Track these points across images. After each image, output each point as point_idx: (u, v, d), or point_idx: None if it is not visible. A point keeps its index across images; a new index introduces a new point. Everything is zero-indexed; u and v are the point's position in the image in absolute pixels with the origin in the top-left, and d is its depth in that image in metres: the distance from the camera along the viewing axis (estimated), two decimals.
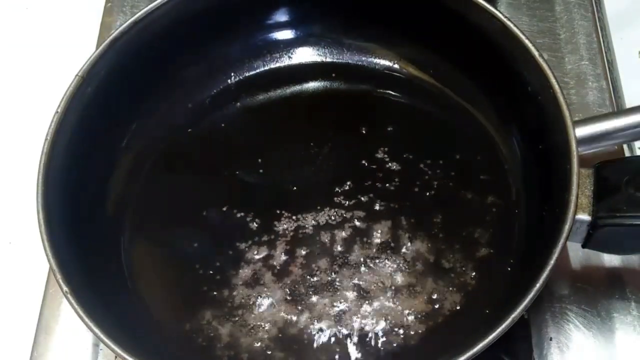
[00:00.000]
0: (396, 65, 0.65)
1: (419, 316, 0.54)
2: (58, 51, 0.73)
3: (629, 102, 0.66)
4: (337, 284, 0.56)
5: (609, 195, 0.50)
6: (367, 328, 0.54)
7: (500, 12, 0.55)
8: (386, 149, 0.61)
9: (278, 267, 0.57)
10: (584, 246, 0.52)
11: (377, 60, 0.65)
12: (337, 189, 0.59)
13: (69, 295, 0.49)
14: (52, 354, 0.58)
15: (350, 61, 0.66)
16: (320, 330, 0.54)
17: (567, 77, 0.66)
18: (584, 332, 0.55)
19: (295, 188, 0.60)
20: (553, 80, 0.52)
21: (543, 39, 0.68)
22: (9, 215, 0.66)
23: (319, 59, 0.66)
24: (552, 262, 0.47)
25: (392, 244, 0.57)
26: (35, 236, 0.50)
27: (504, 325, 0.46)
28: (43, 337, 0.58)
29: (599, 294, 0.57)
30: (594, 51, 0.68)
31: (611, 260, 0.58)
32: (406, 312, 0.54)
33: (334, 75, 0.66)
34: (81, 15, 0.76)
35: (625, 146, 0.63)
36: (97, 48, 0.57)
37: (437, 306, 0.54)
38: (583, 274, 0.58)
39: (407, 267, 0.56)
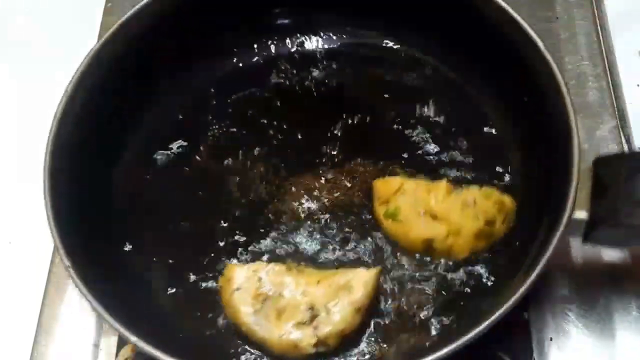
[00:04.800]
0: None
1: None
2: (58, 51, 0.73)
3: (629, 102, 0.66)
4: None
5: (607, 193, 0.49)
6: None
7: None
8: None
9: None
10: (583, 242, 0.51)
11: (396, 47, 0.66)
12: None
13: (70, 270, 0.48)
14: (52, 354, 0.58)
15: (358, 50, 0.67)
16: None
17: (567, 77, 0.65)
18: (584, 332, 0.55)
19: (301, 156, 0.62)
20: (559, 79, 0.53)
21: (543, 39, 0.68)
22: (9, 215, 0.66)
23: (325, 46, 0.67)
24: (544, 259, 0.47)
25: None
26: (35, 236, 0.50)
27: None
28: (43, 337, 0.58)
29: (599, 294, 0.57)
30: (594, 51, 0.68)
31: (612, 259, 0.58)
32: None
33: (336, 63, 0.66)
34: (81, 15, 0.76)
35: (624, 141, 0.63)
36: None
37: None
38: (583, 275, 0.58)
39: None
